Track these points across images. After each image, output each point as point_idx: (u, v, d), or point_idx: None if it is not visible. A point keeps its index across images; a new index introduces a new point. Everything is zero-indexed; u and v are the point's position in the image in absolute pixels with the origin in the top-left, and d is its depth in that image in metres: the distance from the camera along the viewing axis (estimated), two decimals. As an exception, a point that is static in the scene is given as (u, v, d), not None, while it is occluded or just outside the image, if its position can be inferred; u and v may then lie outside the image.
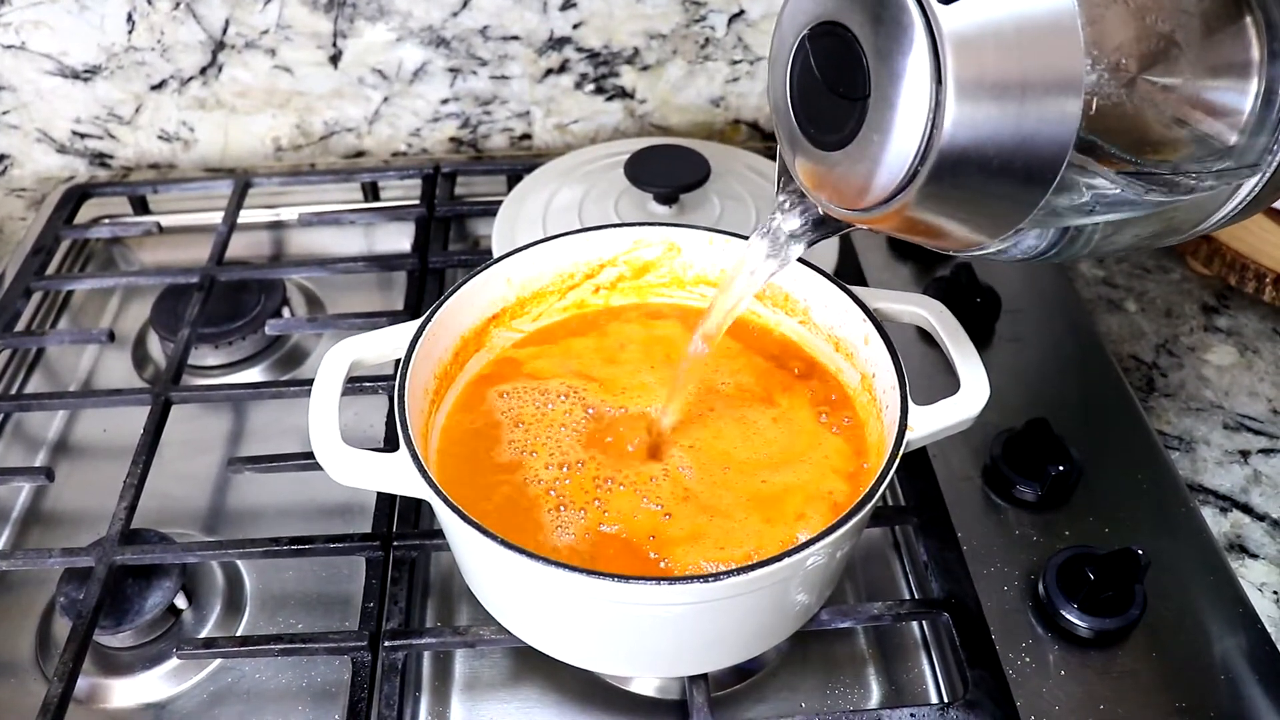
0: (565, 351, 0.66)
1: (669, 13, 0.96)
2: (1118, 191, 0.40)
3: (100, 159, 1.03)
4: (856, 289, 0.61)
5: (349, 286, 0.92)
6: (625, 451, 0.60)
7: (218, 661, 0.64)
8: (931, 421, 0.55)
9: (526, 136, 1.05)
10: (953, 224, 0.42)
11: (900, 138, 0.39)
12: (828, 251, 0.79)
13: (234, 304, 0.85)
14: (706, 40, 0.98)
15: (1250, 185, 0.44)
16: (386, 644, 0.60)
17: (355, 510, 0.72)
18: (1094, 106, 0.38)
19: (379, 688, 0.58)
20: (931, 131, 0.38)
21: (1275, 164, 0.43)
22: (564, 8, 0.95)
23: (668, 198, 0.79)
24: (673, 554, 0.54)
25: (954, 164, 0.38)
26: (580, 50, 0.98)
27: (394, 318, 0.79)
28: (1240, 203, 0.45)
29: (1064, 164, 0.38)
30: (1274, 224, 0.68)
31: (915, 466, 0.69)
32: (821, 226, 0.53)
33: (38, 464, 0.77)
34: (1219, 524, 0.70)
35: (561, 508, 0.56)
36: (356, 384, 0.73)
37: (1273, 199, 0.46)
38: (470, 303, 0.63)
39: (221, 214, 0.91)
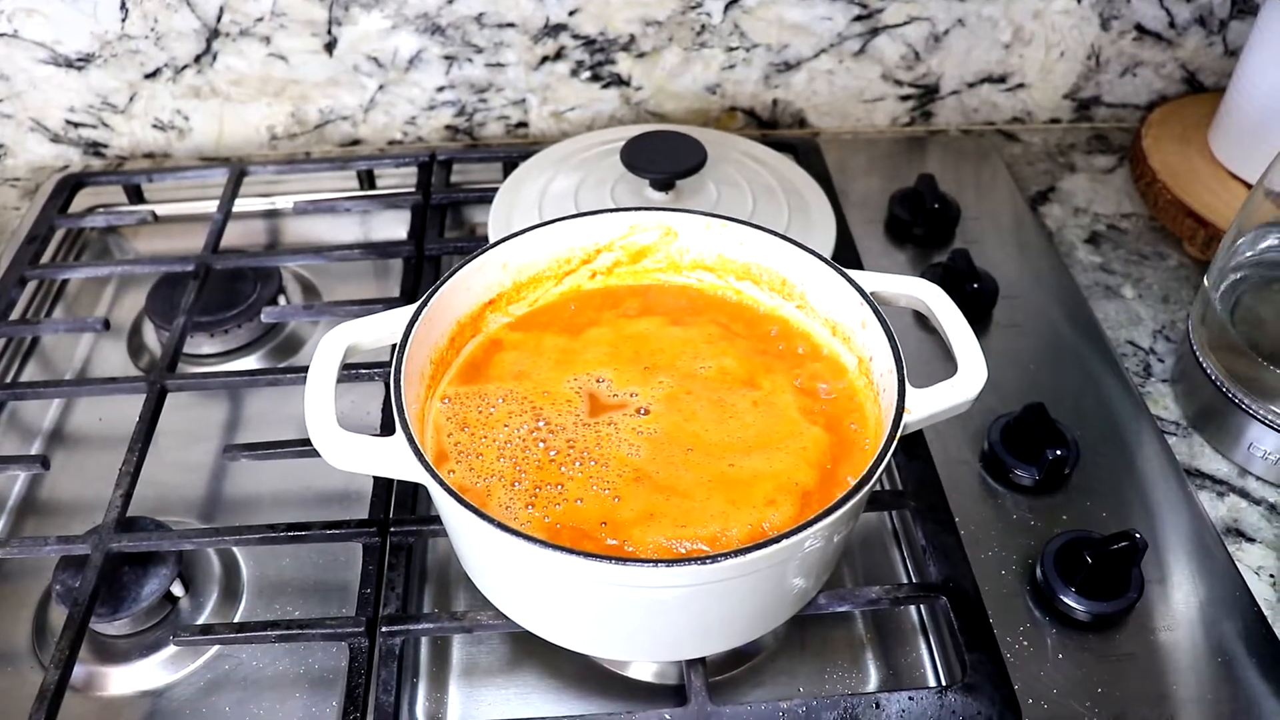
0: (537, 347, 0.64)
1: (665, -1, 0.96)
2: None
3: (94, 148, 1.03)
4: (854, 273, 0.61)
5: (345, 274, 0.92)
6: (567, 442, 0.58)
7: (215, 649, 0.64)
8: (929, 404, 0.55)
9: (522, 124, 1.04)
10: None
11: None
12: (825, 237, 0.79)
13: (229, 292, 0.85)
14: (702, 27, 0.98)
15: None
16: (384, 629, 0.59)
17: (352, 497, 0.72)
18: None
19: (376, 673, 0.58)
20: None
21: None
22: (559, -6, 0.95)
23: (664, 184, 0.79)
24: (629, 535, 0.53)
25: None
26: (576, 37, 0.98)
27: (390, 305, 0.79)
28: None
29: None
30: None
31: (913, 451, 0.69)
32: None
33: (33, 452, 0.77)
34: (1216, 508, 0.70)
35: (507, 508, 0.55)
36: (353, 371, 0.73)
37: None
38: (466, 287, 0.63)
39: (217, 202, 0.91)
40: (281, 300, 0.87)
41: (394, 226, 0.97)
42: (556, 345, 0.64)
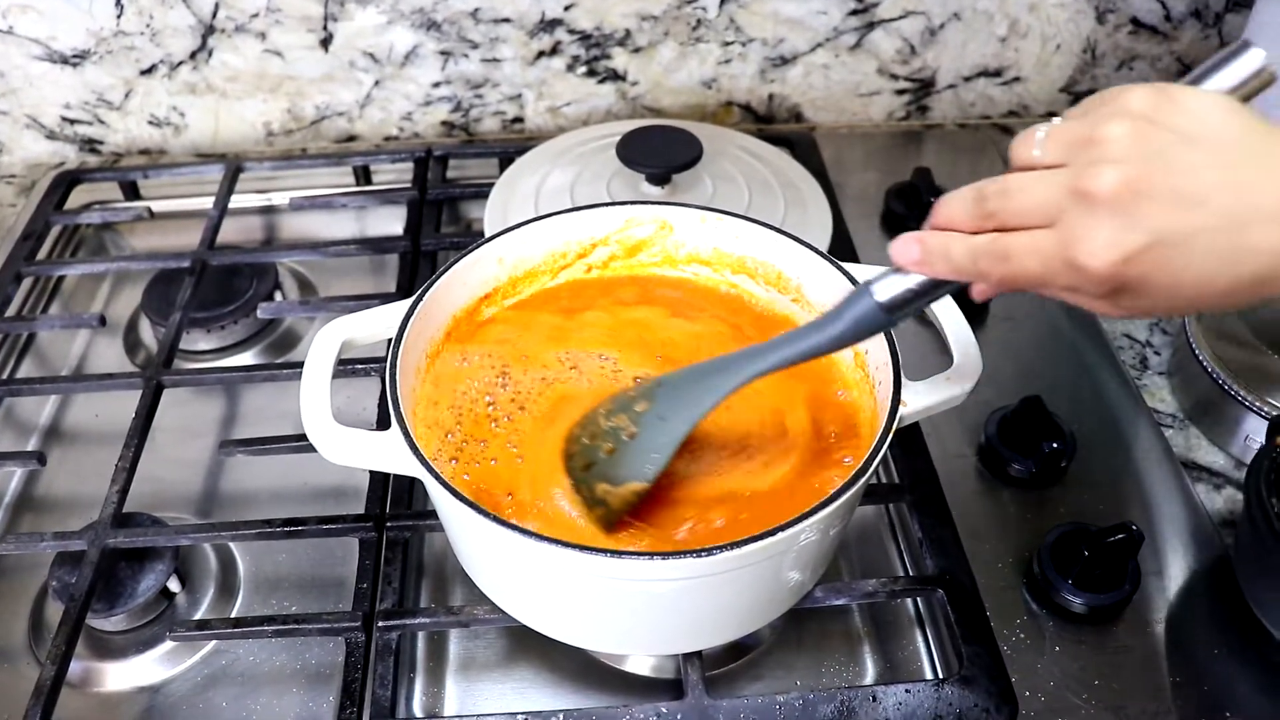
0: (530, 324, 0.65)
1: (661, -6, 0.96)
2: None
3: (90, 145, 1.03)
4: (850, 265, 0.61)
5: (341, 270, 0.92)
6: (511, 399, 0.59)
7: (212, 644, 0.64)
8: (925, 396, 0.55)
9: (518, 119, 1.04)
10: None
11: None
12: (821, 231, 0.79)
13: (226, 288, 0.85)
14: (698, 22, 0.98)
15: None
16: (380, 624, 0.59)
17: (348, 492, 0.72)
18: None
19: (373, 668, 0.58)
20: None
21: None
22: (555, -11, 0.95)
23: (660, 178, 0.79)
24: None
25: None
26: (572, 32, 0.98)
27: (386, 300, 0.77)
28: None
29: None
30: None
31: (909, 444, 0.69)
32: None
33: (29, 449, 0.77)
34: (1213, 500, 0.70)
35: (509, 495, 0.55)
36: (349, 366, 0.73)
37: None
38: (462, 282, 0.63)
39: (213, 199, 0.91)
40: (278, 296, 0.87)
41: (390, 222, 0.97)
42: (551, 323, 0.65)
